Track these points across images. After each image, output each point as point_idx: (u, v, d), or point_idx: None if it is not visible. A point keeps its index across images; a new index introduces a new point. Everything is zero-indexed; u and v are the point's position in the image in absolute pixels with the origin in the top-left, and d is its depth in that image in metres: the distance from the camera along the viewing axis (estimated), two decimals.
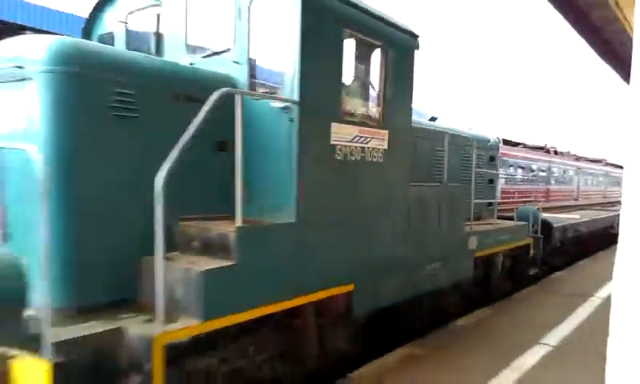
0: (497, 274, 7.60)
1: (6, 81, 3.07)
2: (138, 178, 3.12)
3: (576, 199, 23.09)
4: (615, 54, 8.08)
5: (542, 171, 19.40)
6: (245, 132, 3.27)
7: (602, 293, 8.33)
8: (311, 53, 3.71)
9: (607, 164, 31.91)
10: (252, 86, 3.94)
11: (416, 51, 4.93)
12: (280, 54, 3.78)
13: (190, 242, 3.44)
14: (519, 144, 19.30)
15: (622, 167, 25.68)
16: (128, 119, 3.26)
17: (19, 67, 3.01)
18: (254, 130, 3.67)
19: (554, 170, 21.06)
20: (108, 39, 4.89)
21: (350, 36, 4.17)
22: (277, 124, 3.68)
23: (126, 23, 4.79)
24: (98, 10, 5.00)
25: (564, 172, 22.57)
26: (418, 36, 4.95)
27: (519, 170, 16.71)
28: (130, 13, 4.74)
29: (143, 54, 3.85)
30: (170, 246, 3.23)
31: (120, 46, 4.72)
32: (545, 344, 5.76)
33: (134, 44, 4.74)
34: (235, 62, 3.91)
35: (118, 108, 3.21)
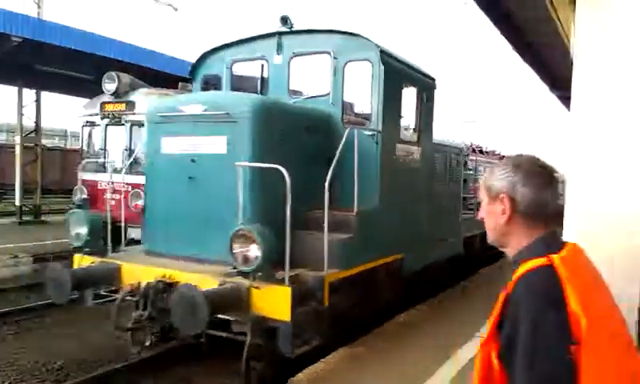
0: (475, 250, 9.91)
1: (217, 121, 4.84)
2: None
3: None
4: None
5: None
6: (346, 150, 5.06)
7: None
8: (387, 100, 5.72)
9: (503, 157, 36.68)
10: (343, 120, 5.84)
11: (435, 91, 7.08)
12: (366, 99, 5.76)
13: (320, 223, 5.23)
14: (478, 150, 22.55)
15: None
16: (285, 142, 5.07)
17: (227, 114, 4.79)
18: (351, 149, 5.48)
19: None
20: (214, 79, 6.65)
21: (405, 85, 6.22)
22: (367, 145, 5.61)
23: (230, 69, 6.55)
24: (203, 57, 6.73)
25: None
26: (435, 79, 7.08)
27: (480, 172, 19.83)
28: (236, 61, 6.51)
29: (291, 102, 5.77)
30: (304, 226, 5.02)
31: (225, 85, 6.48)
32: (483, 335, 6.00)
33: (237, 84, 6.51)
34: (332, 104, 5.82)
35: (281, 136, 5.04)
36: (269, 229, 4.37)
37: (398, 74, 6.02)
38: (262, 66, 6.32)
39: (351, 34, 5.87)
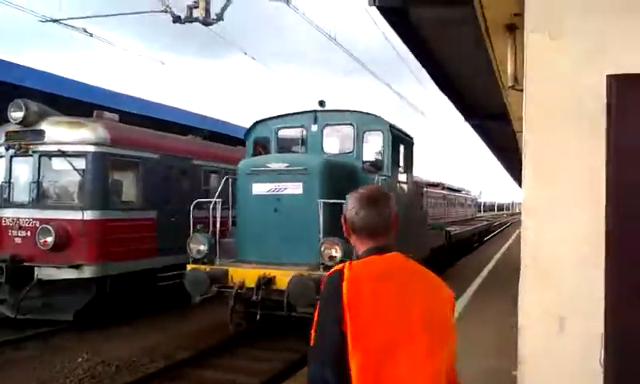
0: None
1: (295, 173, 7.58)
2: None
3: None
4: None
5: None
6: None
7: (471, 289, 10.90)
8: (392, 156, 8.75)
9: (444, 187, 41.36)
10: (363, 169, 8.59)
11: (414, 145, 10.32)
12: (378, 155, 8.75)
13: None
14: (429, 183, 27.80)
15: (456, 190, 35.00)
16: (335, 184, 7.74)
17: (305, 169, 7.56)
18: None
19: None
20: (263, 140, 9.35)
21: (400, 144, 9.30)
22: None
23: (276, 133, 9.24)
24: (255, 125, 9.53)
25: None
26: (413, 137, 10.35)
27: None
28: (280, 128, 9.21)
29: (340, 159, 8.64)
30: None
31: (273, 146, 9.13)
32: None
33: (282, 144, 9.17)
34: (356, 158, 8.65)
35: (335, 180, 7.76)
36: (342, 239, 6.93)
37: (397, 139, 9.09)
38: (303, 132, 9.03)
39: (367, 113, 8.95)
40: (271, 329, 8.39)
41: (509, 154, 14.37)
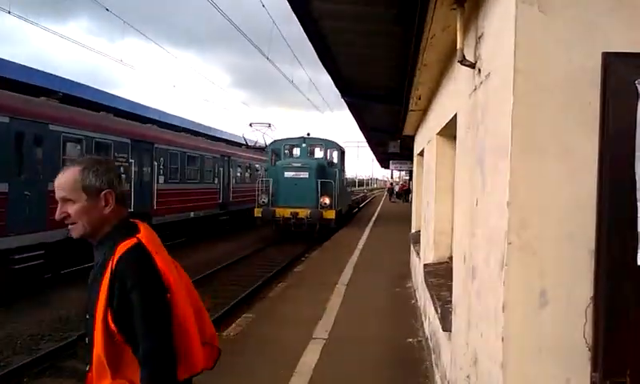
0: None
1: (305, 167, 19.66)
2: None
3: None
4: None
5: None
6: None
7: (343, 279, 10.36)
8: (340, 159, 21.89)
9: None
10: (329, 165, 20.90)
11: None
12: (334, 159, 21.92)
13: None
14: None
15: None
16: (322, 174, 19.49)
17: (309, 166, 19.80)
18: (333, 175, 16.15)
19: None
20: (277, 151, 21.85)
21: (342, 153, 22.43)
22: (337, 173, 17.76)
23: (283, 147, 21.92)
24: (273, 143, 22.71)
25: None
26: (344, 148, 23.69)
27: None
28: (287, 144, 22.06)
29: (319, 161, 21.22)
30: None
31: (282, 154, 21.46)
32: (318, 338, 6.40)
33: (287, 152, 21.66)
34: (325, 160, 21.24)
35: (322, 171, 19.76)
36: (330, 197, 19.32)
37: (341, 152, 22.42)
38: (298, 147, 21.64)
39: (329, 140, 21.94)
40: (284, 242, 19.12)
41: (385, 134, 14.99)
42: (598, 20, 1.97)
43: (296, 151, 21.35)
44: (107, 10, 15.09)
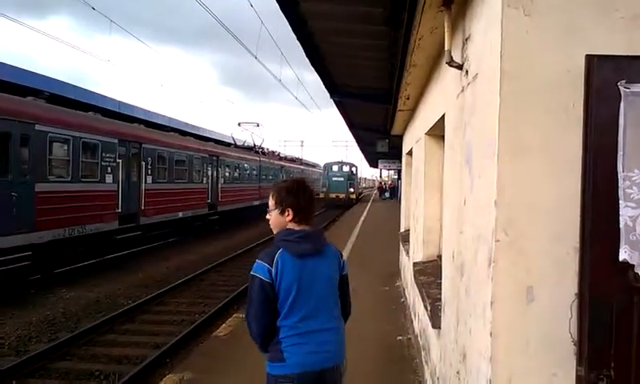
0: None
1: (341, 175, 42.66)
2: None
3: None
4: None
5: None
6: None
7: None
8: (356, 172, 46.72)
9: (302, 163, 50.85)
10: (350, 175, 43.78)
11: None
12: (352, 172, 45.56)
13: None
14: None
15: (314, 165, 56.81)
16: (350, 178, 43.94)
17: (345, 174, 43.17)
18: None
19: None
20: (330, 168, 43.90)
21: (356, 168, 47.09)
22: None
23: (331, 167, 44.36)
24: (325, 165, 45.31)
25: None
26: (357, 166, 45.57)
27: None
28: (331, 165, 44.50)
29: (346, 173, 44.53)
30: None
31: (329, 173, 43.19)
32: None
33: (330, 168, 43.89)
34: (348, 172, 43.83)
35: (349, 176, 43.96)
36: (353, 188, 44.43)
37: (356, 167, 46.75)
38: (336, 165, 44.30)
39: (350, 163, 46.09)
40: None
41: (374, 133, 15.03)
42: (582, 23, 2.03)
43: (335, 167, 43.55)
44: (93, 8, 14.97)
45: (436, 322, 3.82)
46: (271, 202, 2.67)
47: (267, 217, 2.70)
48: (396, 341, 6.52)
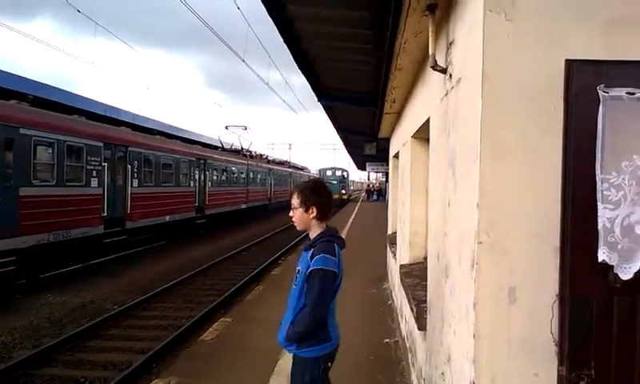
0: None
1: (335, 178, 49.32)
2: None
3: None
4: None
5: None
6: None
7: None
8: (347, 177, 57.20)
9: (290, 166, 54.70)
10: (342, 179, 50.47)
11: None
12: (343, 176, 54.78)
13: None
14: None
15: (302, 168, 62.65)
16: (341, 182, 51.30)
17: (338, 177, 51.12)
18: None
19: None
20: (324, 172, 52.17)
21: (347, 173, 55.61)
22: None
23: (325, 172, 52.44)
24: (320, 170, 54.11)
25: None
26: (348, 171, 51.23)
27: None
28: (326, 170, 52.81)
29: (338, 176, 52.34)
30: None
31: (324, 175, 49.66)
32: None
33: (324, 172, 52.21)
34: (340, 176, 52.06)
35: (341, 180, 51.93)
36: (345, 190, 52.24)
37: (347, 172, 55.55)
38: (330, 170, 52.33)
39: (342, 168, 54.35)
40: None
41: (361, 136, 15.07)
42: (562, 28, 2.06)
43: (329, 172, 49.99)
44: (79, 11, 14.85)
45: (422, 324, 3.84)
46: (296, 201, 2.97)
47: (291, 214, 3.01)
48: (383, 343, 6.53)
